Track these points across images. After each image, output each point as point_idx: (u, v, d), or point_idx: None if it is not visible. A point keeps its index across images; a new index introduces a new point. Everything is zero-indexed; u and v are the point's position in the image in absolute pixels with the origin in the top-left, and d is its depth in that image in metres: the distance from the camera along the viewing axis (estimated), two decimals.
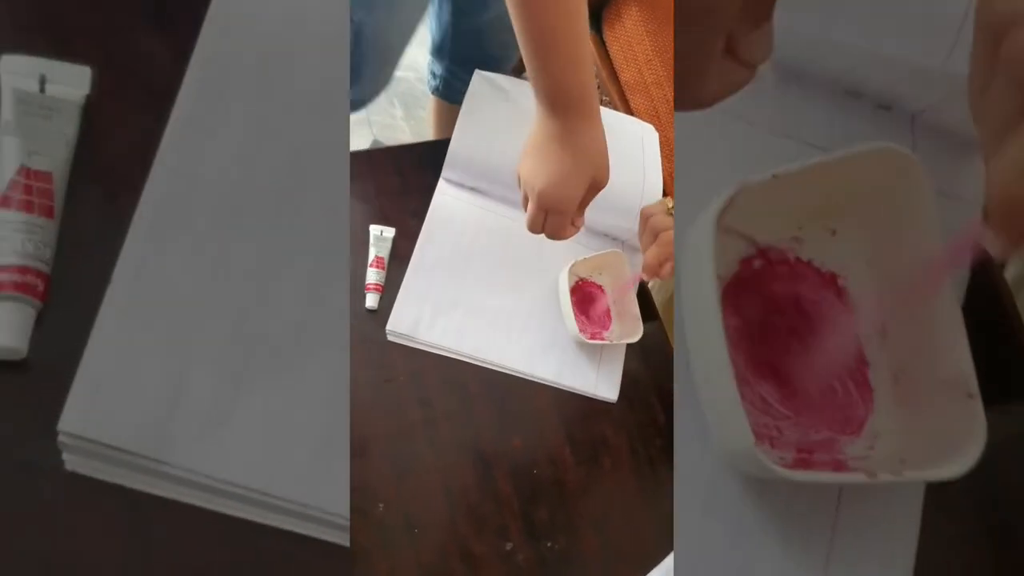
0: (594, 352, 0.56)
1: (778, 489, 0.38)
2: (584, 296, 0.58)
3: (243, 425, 0.33)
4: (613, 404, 0.55)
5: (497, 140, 0.58)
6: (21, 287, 0.34)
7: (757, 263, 0.40)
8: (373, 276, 0.53)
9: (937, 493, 0.39)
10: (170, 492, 0.33)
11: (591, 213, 0.61)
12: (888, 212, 0.39)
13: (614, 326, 0.58)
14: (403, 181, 0.58)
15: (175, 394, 0.33)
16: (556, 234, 0.48)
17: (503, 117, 0.59)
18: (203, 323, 0.34)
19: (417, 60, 0.75)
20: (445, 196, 0.58)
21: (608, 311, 0.59)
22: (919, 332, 0.38)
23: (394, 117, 1.17)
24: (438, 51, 0.74)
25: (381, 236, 0.55)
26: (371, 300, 0.53)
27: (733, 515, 0.37)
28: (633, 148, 0.62)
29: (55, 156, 0.36)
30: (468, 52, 0.57)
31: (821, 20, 0.39)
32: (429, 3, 0.63)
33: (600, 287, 0.59)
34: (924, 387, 0.38)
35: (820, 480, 0.36)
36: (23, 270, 0.34)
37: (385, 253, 0.54)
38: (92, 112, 0.37)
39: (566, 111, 0.44)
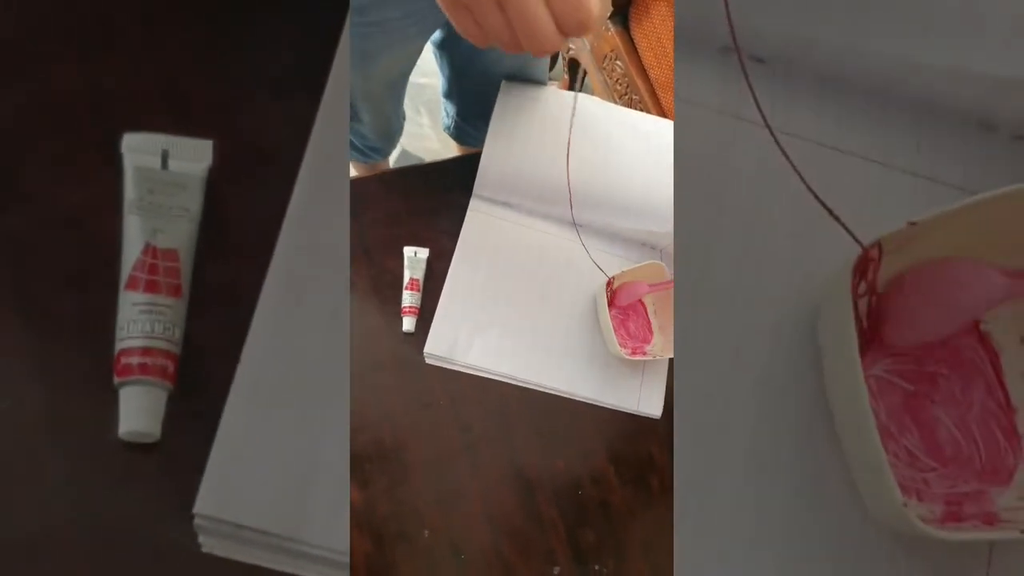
0: (636, 367, 0.55)
1: (928, 543, 0.36)
2: (624, 308, 0.57)
3: None
4: (658, 420, 0.54)
5: (528, 150, 0.57)
6: (149, 370, 0.34)
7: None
8: (408, 299, 0.53)
9: None
10: (309, 571, 0.32)
11: (626, 222, 0.60)
12: None
13: (656, 339, 0.56)
14: (435, 200, 0.58)
15: (310, 470, 0.32)
16: (530, 27, 0.27)
17: (533, 127, 0.57)
18: (334, 397, 0.33)
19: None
20: (478, 213, 0.57)
21: (649, 324, 0.57)
22: None
23: (421, 125, 1.16)
24: (447, 95, 0.74)
25: (415, 257, 0.54)
26: (408, 323, 0.52)
27: (882, 571, 0.36)
28: (666, 150, 0.60)
29: (180, 232, 0.35)
30: (473, 104, 0.57)
31: (954, 49, 0.38)
32: (416, 53, 0.64)
33: (640, 300, 0.58)
34: None
35: (971, 539, 0.34)
36: (151, 352, 0.34)
37: (420, 275, 0.54)
38: (215, 184, 0.37)
39: None
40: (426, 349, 0.52)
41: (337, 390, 0.34)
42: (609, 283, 0.55)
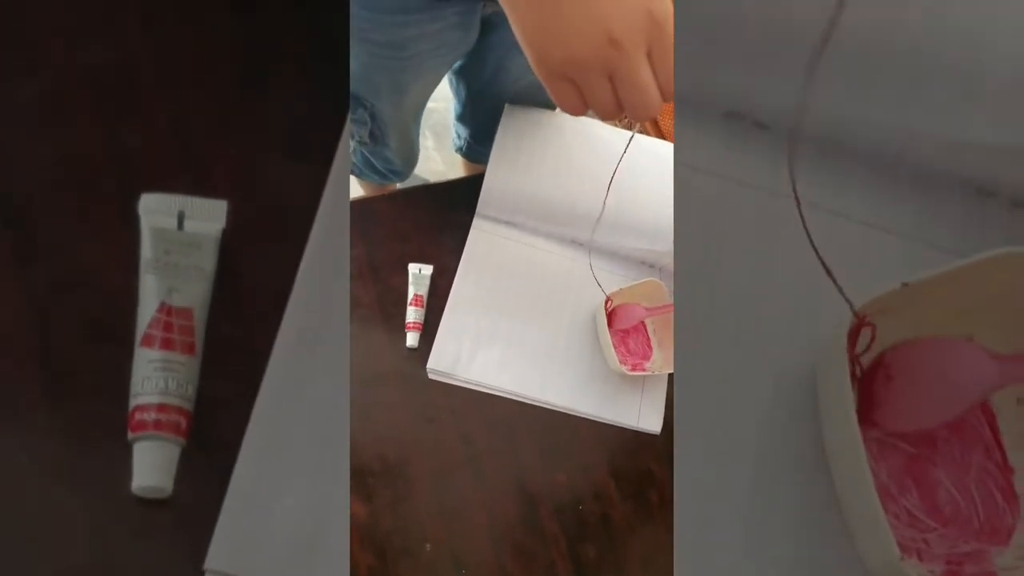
0: (636, 383, 0.56)
1: None
2: (623, 323, 0.58)
3: None
4: (657, 436, 0.55)
5: (531, 172, 0.58)
6: (162, 426, 0.35)
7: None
8: (412, 315, 0.54)
9: None
10: None
11: (624, 240, 0.62)
12: None
13: (655, 355, 0.57)
14: (440, 218, 0.59)
15: (318, 527, 0.33)
16: (642, 99, 0.28)
17: (536, 149, 0.59)
18: (342, 454, 0.34)
19: (447, 91, 0.77)
20: (481, 231, 0.58)
21: (648, 340, 0.58)
22: None
23: (426, 148, 1.18)
24: (460, 118, 0.77)
25: (420, 274, 0.56)
26: (411, 339, 0.53)
27: None
28: (663, 170, 0.61)
29: (194, 291, 0.36)
30: (488, 126, 0.59)
31: (954, 119, 0.39)
32: (440, 80, 0.66)
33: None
34: None
35: None
36: (165, 408, 0.35)
37: (424, 291, 0.55)
38: (229, 244, 0.38)
39: None
40: (429, 364, 0.53)
41: (345, 448, 0.34)
42: (608, 301, 0.56)
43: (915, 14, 0.38)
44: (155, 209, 0.38)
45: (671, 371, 0.55)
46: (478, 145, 0.78)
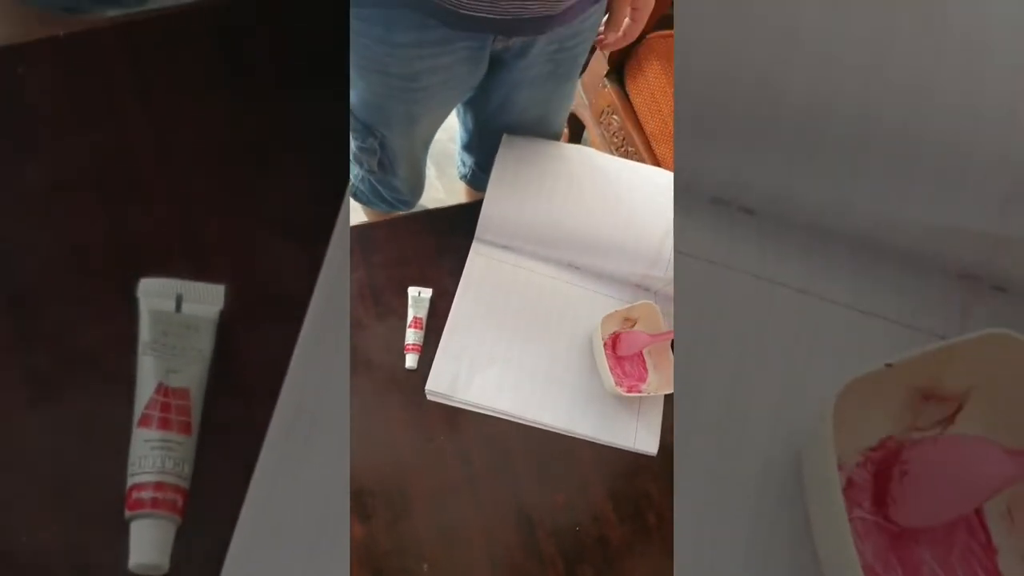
0: (632, 405, 0.56)
1: None
2: (627, 350, 0.59)
3: None
4: (654, 457, 0.55)
5: (528, 199, 0.60)
6: (159, 504, 0.35)
7: (877, 454, 0.40)
8: (411, 336, 0.55)
9: None
10: None
11: (620, 264, 0.63)
12: (1008, 396, 0.38)
13: (651, 377, 0.58)
14: (439, 243, 0.60)
15: None
16: None
17: (533, 177, 0.61)
18: (337, 532, 0.34)
19: (450, 121, 0.79)
20: (479, 255, 0.60)
21: (644, 363, 0.59)
22: None
23: (427, 176, 1.20)
24: (467, 147, 0.79)
25: (419, 297, 0.57)
26: (410, 360, 0.54)
27: None
28: (659, 197, 0.63)
29: (192, 372, 0.37)
30: (493, 156, 0.62)
31: (938, 206, 0.40)
32: (449, 113, 0.69)
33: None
34: None
35: None
36: (162, 487, 0.35)
37: (423, 314, 0.56)
38: (227, 325, 0.38)
39: None
40: (427, 386, 0.53)
41: (340, 525, 0.35)
42: (606, 324, 0.57)
43: (900, 103, 0.39)
44: (154, 292, 0.39)
45: (667, 392, 0.56)
46: (483, 173, 0.80)
